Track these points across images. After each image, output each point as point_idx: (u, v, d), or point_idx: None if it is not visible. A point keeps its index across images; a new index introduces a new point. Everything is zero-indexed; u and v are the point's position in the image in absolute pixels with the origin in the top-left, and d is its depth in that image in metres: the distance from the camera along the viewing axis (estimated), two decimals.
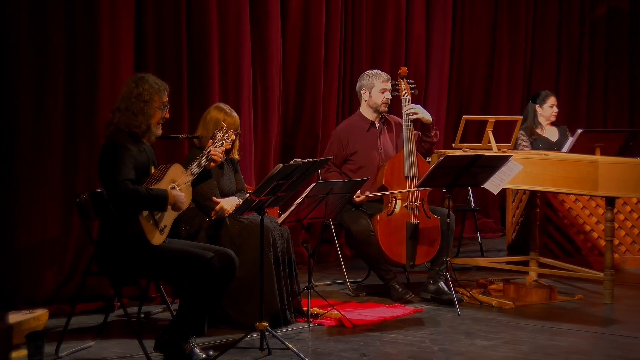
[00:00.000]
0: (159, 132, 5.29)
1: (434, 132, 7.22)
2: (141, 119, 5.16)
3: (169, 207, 5.10)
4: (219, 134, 5.63)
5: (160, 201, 5.03)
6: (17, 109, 6.23)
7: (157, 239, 5.08)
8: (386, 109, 7.20)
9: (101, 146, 5.17)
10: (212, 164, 5.55)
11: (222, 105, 6.19)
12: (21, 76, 6.24)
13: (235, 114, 6.13)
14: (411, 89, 7.19)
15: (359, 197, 6.87)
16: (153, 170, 5.22)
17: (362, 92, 7.21)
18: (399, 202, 6.91)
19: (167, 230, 5.17)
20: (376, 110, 7.17)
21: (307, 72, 8.52)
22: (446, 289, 6.78)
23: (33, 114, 6.29)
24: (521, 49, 11.16)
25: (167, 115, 5.33)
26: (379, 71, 7.24)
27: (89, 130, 6.49)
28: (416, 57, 9.86)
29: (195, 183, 5.45)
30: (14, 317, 5.33)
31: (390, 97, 7.16)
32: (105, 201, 5.13)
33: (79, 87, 6.47)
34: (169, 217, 5.18)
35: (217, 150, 5.54)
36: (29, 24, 6.26)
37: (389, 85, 7.15)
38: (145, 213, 5.02)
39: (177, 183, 5.20)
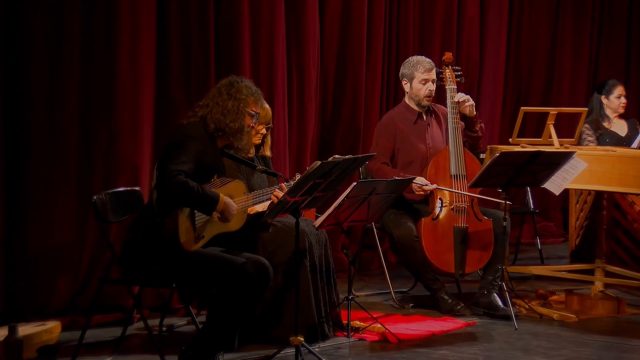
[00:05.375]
0: (250, 141, 5.55)
1: (478, 125, 7.14)
2: (233, 117, 5.29)
3: (217, 215, 5.12)
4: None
5: (209, 202, 5.06)
6: (30, 102, 6.27)
7: (190, 244, 5.10)
8: (429, 102, 7.11)
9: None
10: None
11: None
12: (35, 66, 6.27)
13: (266, 105, 6.12)
14: (457, 76, 7.11)
15: (419, 190, 6.78)
16: (215, 179, 5.29)
17: (403, 82, 7.15)
18: (445, 204, 6.84)
19: (203, 241, 5.18)
20: (418, 104, 7.11)
21: (347, 60, 8.51)
22: (500, 303, 6.69)
23: (47, 107, 6.31)
24: (587, 32, 11.05)
25: (258, 128, 5.62)
26: (421, 58, 7.13)
27: (106, 126, 6.50)
28: (469, 42, 9.81)
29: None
30: (24, 330, 5.36)
31: (433, 88, 7.07)
32: (145, 195, 5.18)
33: (95, 78, 6.48)
34: (211, 229, 5.21)
35: (278, 194, 5.61)
36: (44, 13, 6.29)
37: (432, 75, 7.05)
38: (186, 213, 5.05)
39: (235, 200, 5.26)
